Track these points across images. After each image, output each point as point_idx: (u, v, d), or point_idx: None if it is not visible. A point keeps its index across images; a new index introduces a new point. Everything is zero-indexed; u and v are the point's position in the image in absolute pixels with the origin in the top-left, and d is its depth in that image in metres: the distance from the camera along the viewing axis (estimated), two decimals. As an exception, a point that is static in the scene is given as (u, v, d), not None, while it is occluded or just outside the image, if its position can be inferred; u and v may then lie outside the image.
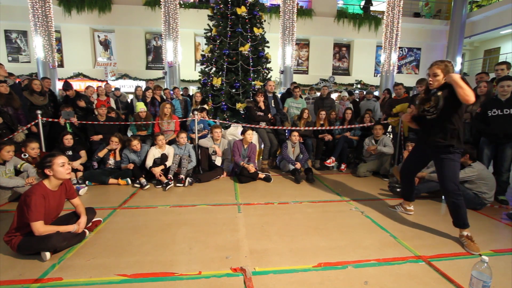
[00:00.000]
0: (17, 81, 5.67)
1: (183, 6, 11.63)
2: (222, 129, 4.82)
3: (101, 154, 4.16)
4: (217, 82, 5.48)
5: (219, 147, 4.56)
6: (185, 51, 12.12)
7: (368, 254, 2.19)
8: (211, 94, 5.66)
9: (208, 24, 5.99)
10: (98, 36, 12.71)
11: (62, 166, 2.20)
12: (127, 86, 11.88)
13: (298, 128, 4.89)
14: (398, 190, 3.63)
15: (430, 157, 2.65)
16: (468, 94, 2.13)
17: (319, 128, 5.09)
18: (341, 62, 14.45)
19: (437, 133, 2.41)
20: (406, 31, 12.20)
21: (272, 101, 5.30)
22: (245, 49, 5.52)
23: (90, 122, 4.66)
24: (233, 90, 5.59)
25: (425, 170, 3.75)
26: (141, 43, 12.79)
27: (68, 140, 4.09)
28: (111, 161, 4.20)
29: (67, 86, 5.55)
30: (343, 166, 5.00)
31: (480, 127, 3.59)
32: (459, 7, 12.19)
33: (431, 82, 2.42)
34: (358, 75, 13.86)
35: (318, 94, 6.66)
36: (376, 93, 8.81)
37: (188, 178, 3.99)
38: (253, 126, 4.79)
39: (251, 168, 4.19)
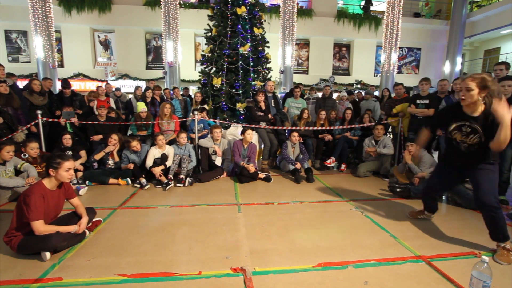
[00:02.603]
0: (17, 81, 5.65)
1: (183, 6, 11.63)
2: (222, 129, 4.82)
3: (97, 157, 4.14)
4: (217, 82, 5.48)
5: (219, 147, 4.56)
6: (185, 51, 12.11)
7: (368, 254, 2.19)
8: (211, 94, 5.66)
9: (208, 24, 5.99)
10: (98, 36, 12.71)
11: (67, 171, 2.23)
12: (127, 86, 11.87)
13: (298, 128, 4.89)
14: (398, 190, 3.63)
15: (462, 173, 2.37)
16: (506, 142, 1.84)
17: (319, 128, 5.09)
18: (341, 62, 14.45)
19: (475, 161, 2.16)
20: (406, 31, 12.20)
21: (272, 101, 5.30)
22: (245, 49, 5.52)
23: (90, 122, 4.66)
24: (233, 90, 5.58)
25: (426, 170, 3.76)
26: (141, 43, 12.79)
27: (67, 140, 4.08)
28: (110, 162, 4.19)
29: (65, 84, 5.52)
30: (343, 166, 5.00)
31: None
32: (459, 7, 12.18)
33: (463, 97, 2.07)
34: (358, 75, 13.86)
35: (318, 94, 6.65)
36: (376, 93, 8.80)
37: (188, 178, 3.99)
38: (253, 126, 4.79)
39: (251, 168, 4.18)
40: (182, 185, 3.91)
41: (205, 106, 5.48)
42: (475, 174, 2.18)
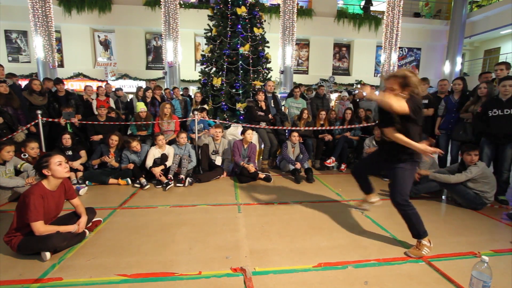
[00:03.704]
0: (19, 82, 5.63)
1: (183, 6, 11.63)
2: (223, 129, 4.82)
3: (95, 162, 4.15)
4: (217, 82, 5.47)
5: (218, 146, 4.56)
6: (185, 51, 12.11)
7: (368, 254, 2.19)
8: (211, 94, 5.65)
9: (208, 24, 5.99)
10: (98, 36, 12.70)
11: (59, 165, 2.19)
12: (127, 86, 11.86)
13: (298, 128, 4.89)
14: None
15: (385, 166, 2.41)
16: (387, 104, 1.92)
17: (319, 128, 5.09)
18: (341, 62, 14.45)
19: (393, 156, 2.22)
20: (406, 31, 12.20)
21: (272, 101, 5.30)
22: (245, 49, 5.52)
23: (90, 122, 4.66)
24: (233, 90, 5.59)
25: (430, 169, 3.76)
26: (141, 43, 12.79)
27: (66, 139, 4.08)
28: (109, 164, 4.19)
29: (58, 80, 5.50)
30: (343, 166, 5.00)
31: (481, 128, 3.59)
32: (459, 7, 12.18)
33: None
34: (358, 75, 13.86)
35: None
36: (376, 93, 8.80)
37: (188, 178, 3.99)
38: (253, 126, 4.79)
39: (251, 168, 4.18)
40: (182, 185, 3.91)
41: (205, 106, 5.48)
42: (392, 172, 2.23)
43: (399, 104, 1.91)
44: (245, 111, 5.38)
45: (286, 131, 5.10)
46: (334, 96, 10.80)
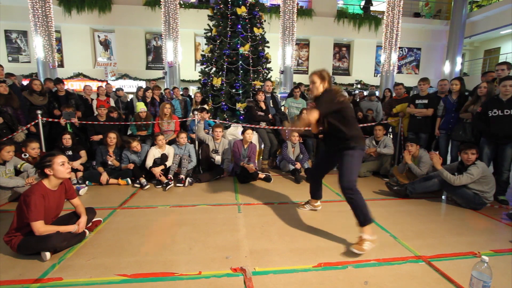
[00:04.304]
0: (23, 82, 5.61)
1: (183, 6, 11.63)
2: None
3: (100, 170, 4.03)
4: (217, 82, 5.48)
5: (218, 146, 4.56)
6: (185, 51, 12.12)
7: (368, 254, 2.19)
8: (211, 94, 5.65)
9: (208, 24, 5.99)
10: (98, 36, 12.71)
11: (62, 165, 2.20)
12: (127, 86, 11.87)
13: (298, 128, 4.88)
14: (395, 188, 3.63)
15: (335, 158, 2.55)
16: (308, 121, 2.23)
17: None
18: (341, 62, 14.45)
19: (335, 144, 2.43)
20: (406, 31, 12.20)
21: (271, 101, 5.30)
22: (245, 49, 5.52)
23: (90, 122, 4.66)
24: (233, 90, 5.58)
25: (430, 169, 3.76)
26: (141, 43, 12.79)
27: (67, 140, 4.08)
28: (110, 162, 4.19)
29: (58, 80, 5.50)
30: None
31: (481, 127, 3.59)
32: (459, 7, 12.18)
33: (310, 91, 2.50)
34: (358, 75, 13.86)
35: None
36: (376, 93, 8.79)
37: (188, 178, 3.99)
38: (253, 126, 4.79)
39: (251, 168, 4.18)
40: (182, 185, 3.91)
41: (205, 106, 5.48)
42: (340, 160, 2.35)
43: (311, 115, 2.20)
44: (245, 111, 5.38)
45: (286, 131, 5.09)
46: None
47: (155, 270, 1.96)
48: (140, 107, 4.91)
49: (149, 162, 4.03)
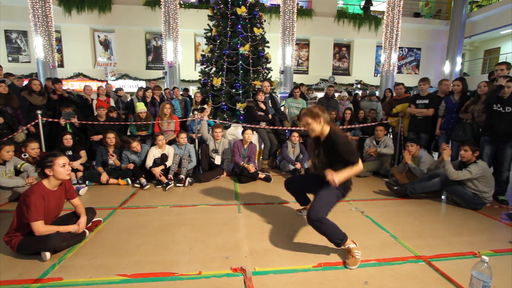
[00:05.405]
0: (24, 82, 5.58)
1: (183, 6, 11.63)
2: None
3: (100, 169, 4.04)
4: (217, 82, 5.47)
5: (218, 146, 4.56)
6: (185, 51, 12.11)
7: (368, 254, 2.19)
8: (211, 94, 5.65)
9: (208, 24, 5.99)
10: (98, 36, 12.71)
11: (62, 167, 2.20)
12: (127, 86, 11.87)
13: (298, 128, 4.89)
14: (395, 188, 3.63)
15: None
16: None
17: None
18: (341, 62, 14.45)
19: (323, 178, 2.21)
20: (406, 31, 12.19)
21: (269, 101, 5.29)
22: (245, 49, 5.52)
23: (90, 122, 4.66)
24: (233, 90, 5.58)
25: (430, 168, 3.75)
26: (141, 43, 12.79)
27: (68, 140, 4.08)
28: (111, 161, 4.19)
29: (56, 79, 5.48)
30: (343, 166, 4.98)
31: (487, 123, 3.56)
32: (459, 7, 12.18)
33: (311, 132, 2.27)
34: (358, 75, 13.86)
35: (316, 94, 6.62)
36: (376, 93, 8.79)
37: (188, 178, 3.99)
38: (253, 126, 4.79)
39: (251, 168, 4.18)
40: (182, 185, 3.91)
41: (205, 106, 5.47)
42: (321, 188, 2.21)
43: (357, 167, 2.13)
44: (245, 111, 5.38)
45: (286, 131, 5.10)
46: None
47: (155, 270, 1.96)
48: (140, 107, 4.91)
49: (149, 162, 4.03)
